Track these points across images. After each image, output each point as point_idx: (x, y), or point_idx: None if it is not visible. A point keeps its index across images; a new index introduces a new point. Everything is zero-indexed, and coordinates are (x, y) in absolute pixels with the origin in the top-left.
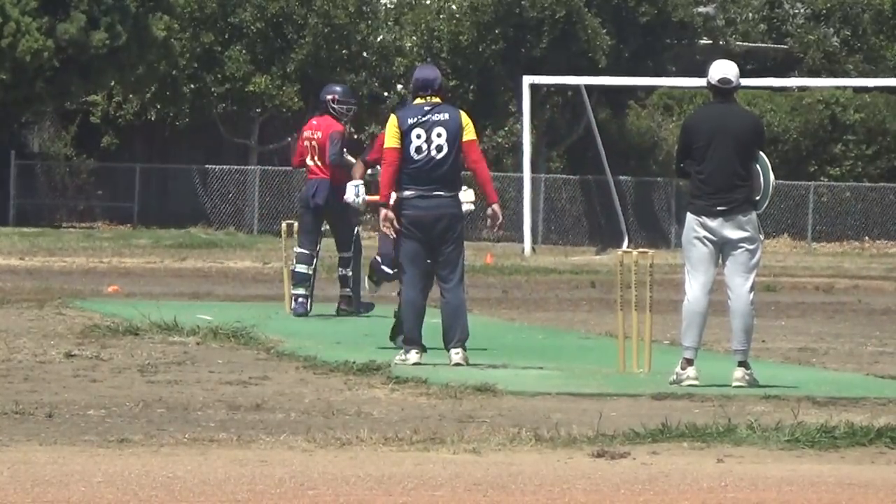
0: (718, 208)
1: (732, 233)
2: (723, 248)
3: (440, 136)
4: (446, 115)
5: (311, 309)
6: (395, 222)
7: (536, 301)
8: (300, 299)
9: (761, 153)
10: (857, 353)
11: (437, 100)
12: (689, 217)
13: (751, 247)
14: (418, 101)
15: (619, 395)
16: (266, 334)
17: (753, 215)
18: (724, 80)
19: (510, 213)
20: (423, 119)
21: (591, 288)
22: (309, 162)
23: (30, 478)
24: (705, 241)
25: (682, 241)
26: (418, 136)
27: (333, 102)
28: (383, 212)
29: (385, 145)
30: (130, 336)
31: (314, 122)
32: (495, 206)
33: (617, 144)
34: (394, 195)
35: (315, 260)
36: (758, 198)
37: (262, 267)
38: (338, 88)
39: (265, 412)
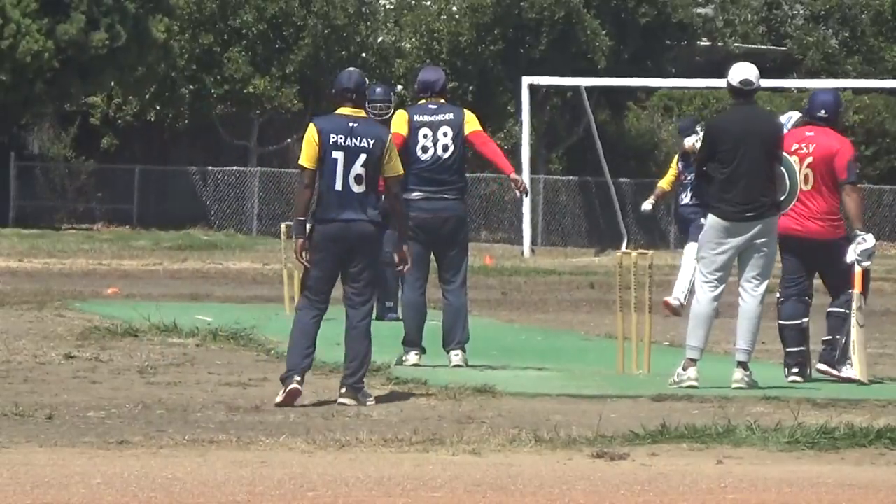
0: (748, 214)
1: (757, 238)
2: (742, 253)
3: (446, 136)
4: (451, 115)
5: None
6: None
7: (536, 302)
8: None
9: (785, 154)
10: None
11: (441, 100)
12: (714, 220)
13: (769, 251)
14: (422, 101)
15: (619, 396)
16: (265, 336)
17: (776, 218)
18: (745, 82)
19: (509, 214)
20: (431, 119)
21: (591, 289)
22: None
23: (29, 479)
24: (728, 246)
25: (700, 241)
26: (425, 136)
27: (368, 103)
28: None
29: (392, 130)
30: (130, 338)
31: None
32: (513, 175)
33: (616, 145)
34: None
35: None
36: (782, 198)
37: (262, 268)
38: (376, 89)
39: (264, 414)
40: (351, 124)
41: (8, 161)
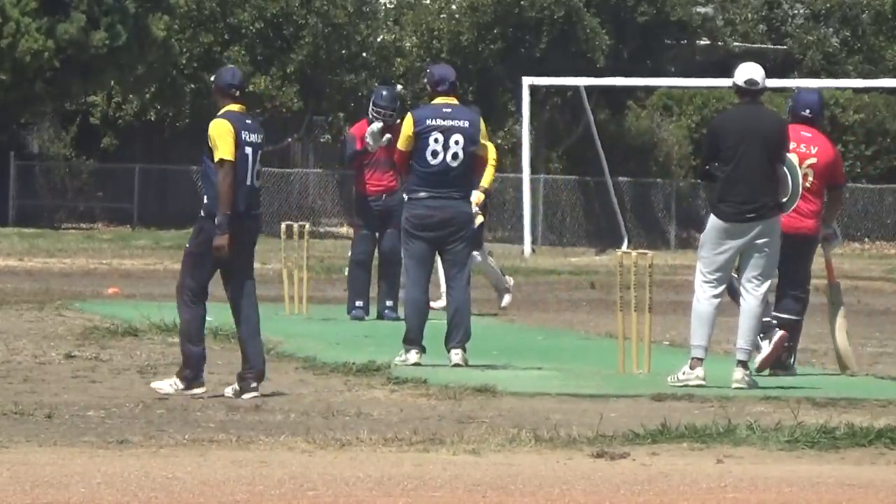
0: (747, 215)
1: (758, 238)
2: (744, 252)
3: (458, 144)
4: (466, 123)
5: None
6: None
7: (536, 302)
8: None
9: (788, 155)
10: (857, 354)
11: (454, 100)
12: (715, 221)
13: (771, 251)
14: (437, 100)
15: (619, 395)
16: (266, 335)
17: (778, 219)
18: (750, 82)
19: (509, 213)
20: (443, 123)
21: (591, 289)
22: None
23: (29, 479)
24: (728, 247)
25: (702, 241)
26: (436, 141)
27: (373, 106)
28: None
29: (398, 146)
30: (130, 337)
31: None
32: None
33: (616, 145)
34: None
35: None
36: (785, 200)
37: (262, 268)
38: (382, 93)
39: (264, 413)
40: (248, 121)
41: (8, 161)
